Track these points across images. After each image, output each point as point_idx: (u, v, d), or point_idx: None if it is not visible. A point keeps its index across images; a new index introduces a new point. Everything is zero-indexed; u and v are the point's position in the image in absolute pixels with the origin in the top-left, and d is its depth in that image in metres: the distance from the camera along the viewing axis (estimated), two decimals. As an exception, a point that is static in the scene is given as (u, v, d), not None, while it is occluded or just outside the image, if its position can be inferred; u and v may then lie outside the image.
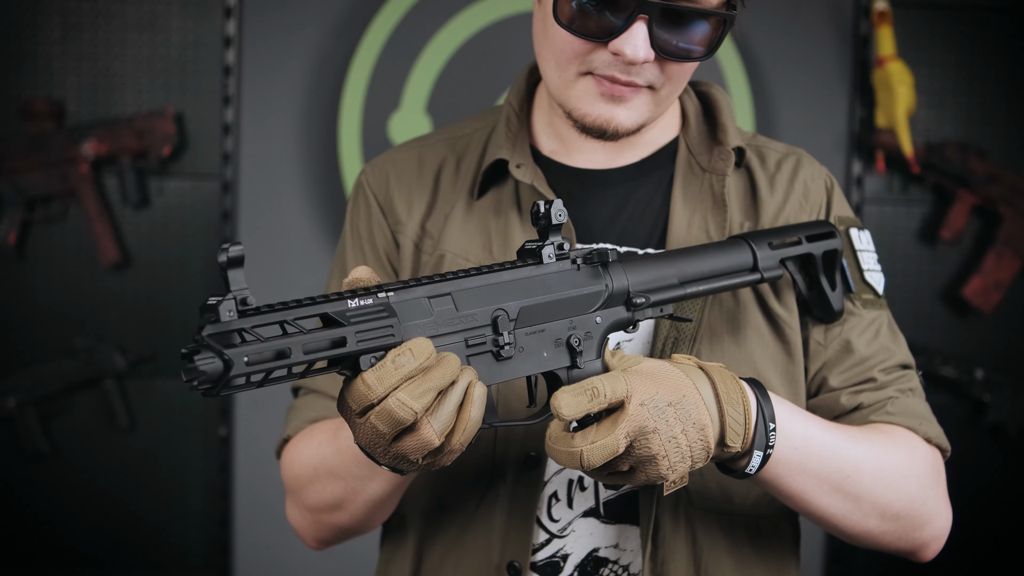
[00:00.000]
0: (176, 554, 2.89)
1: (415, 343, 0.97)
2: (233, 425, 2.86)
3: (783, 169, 1.35)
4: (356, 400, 0.97)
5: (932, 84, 2.89)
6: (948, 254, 2.92)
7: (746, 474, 1.13)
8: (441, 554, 1.30)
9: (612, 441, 1.03)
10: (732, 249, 1.23)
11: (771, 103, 2.86)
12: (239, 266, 0.91)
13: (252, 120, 2.83)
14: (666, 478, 1.06)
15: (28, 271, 2.82)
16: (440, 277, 1.04)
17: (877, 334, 1.31)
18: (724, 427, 1.08)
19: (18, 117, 2.77)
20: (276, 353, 0.92)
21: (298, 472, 1.31)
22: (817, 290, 1.28)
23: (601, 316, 1.13)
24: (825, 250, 1.28)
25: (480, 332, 1.05)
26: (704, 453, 1.07)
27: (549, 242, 1.11)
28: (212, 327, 0.90)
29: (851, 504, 1.20)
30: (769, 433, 1.11)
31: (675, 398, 1.05)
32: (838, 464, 1.18)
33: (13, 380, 2.80)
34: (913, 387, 1.31)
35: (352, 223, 1.39)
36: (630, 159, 1.33)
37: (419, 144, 1.41)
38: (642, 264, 1.17)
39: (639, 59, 1.16)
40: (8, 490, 2.84)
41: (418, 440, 0.98)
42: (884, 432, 1.25)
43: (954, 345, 2.92)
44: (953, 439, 1.32)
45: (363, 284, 1.02)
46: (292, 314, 0.94)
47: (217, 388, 0.90)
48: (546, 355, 1.09)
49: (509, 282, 1.08)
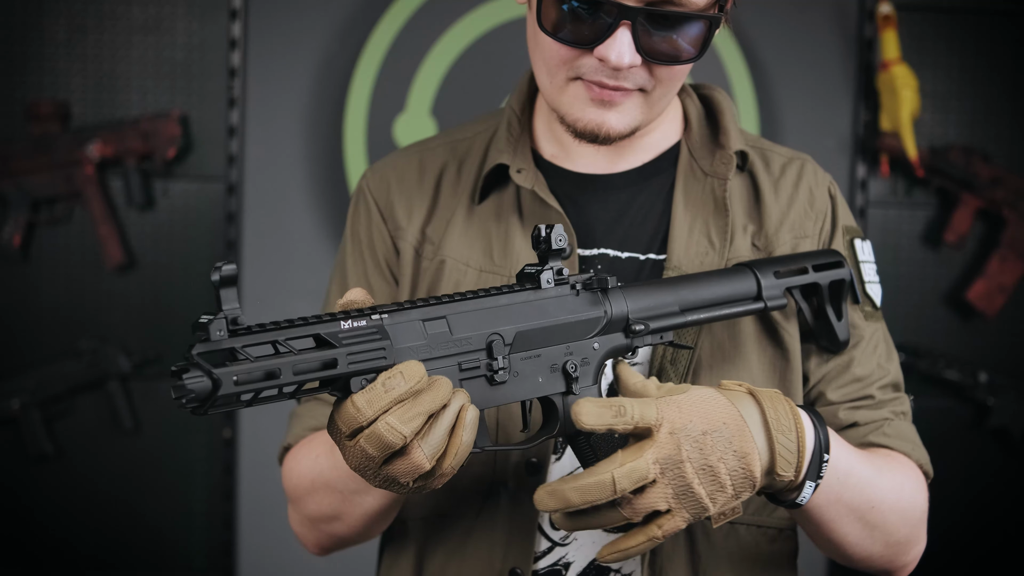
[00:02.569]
0: (180, 556, 2.89)
1: (406, 366, 0.97)
2: (237, 427, 2.86)
3: (787, 174, 1.34)
4: (346, 423, 0.96)
5: (936, 88, 2.88)
6: (952, 257, 2.92)
7: (796, 504, 1.11)
8: (443, 561, 1.29)
9: (643, 464, 1.01)
10: (735, 277, 1.22)
11: (775, 106, 2.86)
12: (232, 285, 0.91)
13: (257, 122, 2.83)
14: (708, 510, 1.03)
15: (33, 273, 2.82)
16: (436, 300, 1.04)
17: (875, 349, 1.32)
18: (774, 455, 1.06)
19: (23, 119, 2.78)
20: (266, 373, 0.92)
21: (297, 483, 1.31)
22: (823, 320, 1.27)
23: (599, 342, 1.12)
24: (832, 280, 1.26)
25: (474, 356, 1.04)
26: (748, 482, 1.05)
27: (548, 267, 1.10)
28: (202, 346, 0.90)
29: (867, 532, 1.20)
30: (823, 464, 1.10)
31: (711, 427, 1.03)
32: (868, 496, 1.18)
33: (17, 381, 2.80)
34: (905, 410, 1.32)
35: (352, 228, 1.39)
36: (632, 164, 1.32)
37: (420, 148, 1.40)
38: (642, 290, 1.16)
39: (623, 65, 1.15)
40: (12, 491, 2.84)
41: (408, 464, 0.97)
42: (896, 461, 1.26)
43: (958, 348, 2.91)
44: (956, 442, 1.34)
45: (358, 306, 1.01)
46: (284, 334, 0.94)
47: (205, 407, 0.90)
48: (541, 380, 1.09)
49: (506, 306, 1.07)
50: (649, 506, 1.03)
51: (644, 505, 1.03)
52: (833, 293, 1.27)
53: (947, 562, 2.88)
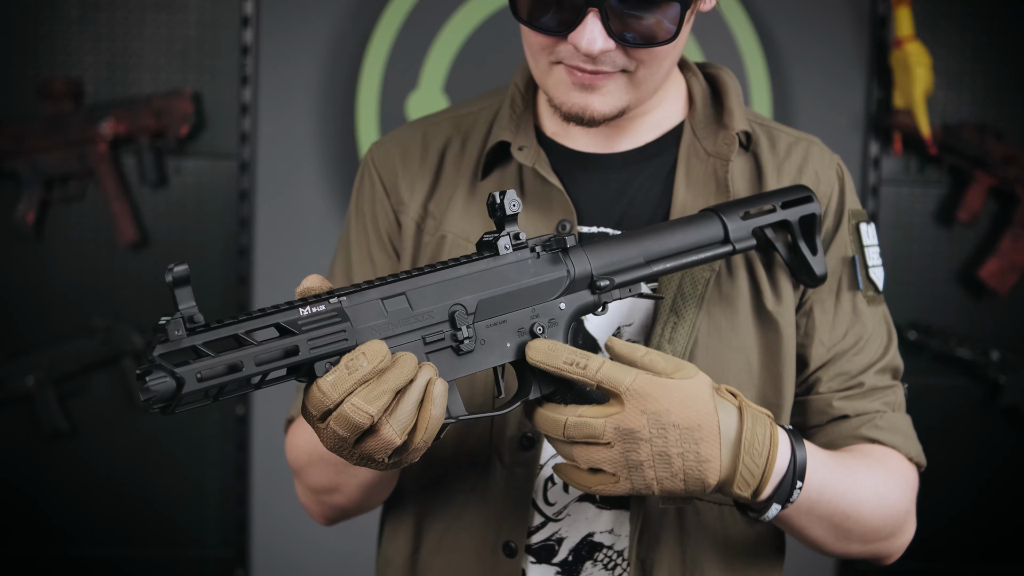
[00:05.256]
0: (193, 532, 2.91)
1: (368, 346, 0.98)
2: (250, 404, 2.88)
3: (793, 155, 1.32)
4: (315, 407, 0.98)
5: (950, 65, 2.86)
6: (964, 236, 2.90)
7: (756, 520, 1.13)
8: (439, 533, 1.31)
9: (597, 424, 1.04)
10: (701, 223, 1.21)
11: (788, 84, 2.85)
12: (186, 284, 0.93)
13: (270, 100, 2.83)
14: (651, 490, 1.06)
15: (46, 251, 2.83)
16: (393, 278, 1.05)
17: (876, 338, 1.31)
18: (735, 473, 1.07)
19: (36, 97, 2.78)
20: (228, 367, 0.93)
21: (297, 455, 1.33)
22: (798, 256, 1.26)
23: (565, 302, 1.13)
24: (802, 215, 1.25)
25: (438, 328, 1.05)
26: (700, 485, 1.06)
27: (505, 232, 1.10)
28: (162, 347, 0.92)
29: (842, 536, 1.22)
30: (795, 489, 1.11)
31: (685, 423, 1.05)
32: (843, 508, 1.19)
33: (32, 359, 2.82)
34: (900, 401, 1.31)
35: (357, 202, 1.39)
36: (634, 143, 1.31)
37: (425, 123, 1.40)
38: (604, 246, 1.16)
39: (594, 52, 1.14)
40: (27, 468, 2.86)
41: (379, 441, 0.99)
42: (882, 460, 1.26)
43: (970, 326, 2.90)
44: (968, 420, 1.33)
45: (315, 292, 1.03)
46: (243, 327, 0.96)
47: (172, 406, 0.92)
48: (509, 345, 1.10)
49: (466, 276, 1.08)
50: (593, 463, 1.06)
51: (588, 459, 1.06)
52: (805, 228, 1.25)
53: (958, 542, 2.89)
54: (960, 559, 2.90)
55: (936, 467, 1.33)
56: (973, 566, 2.92)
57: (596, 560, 1.28)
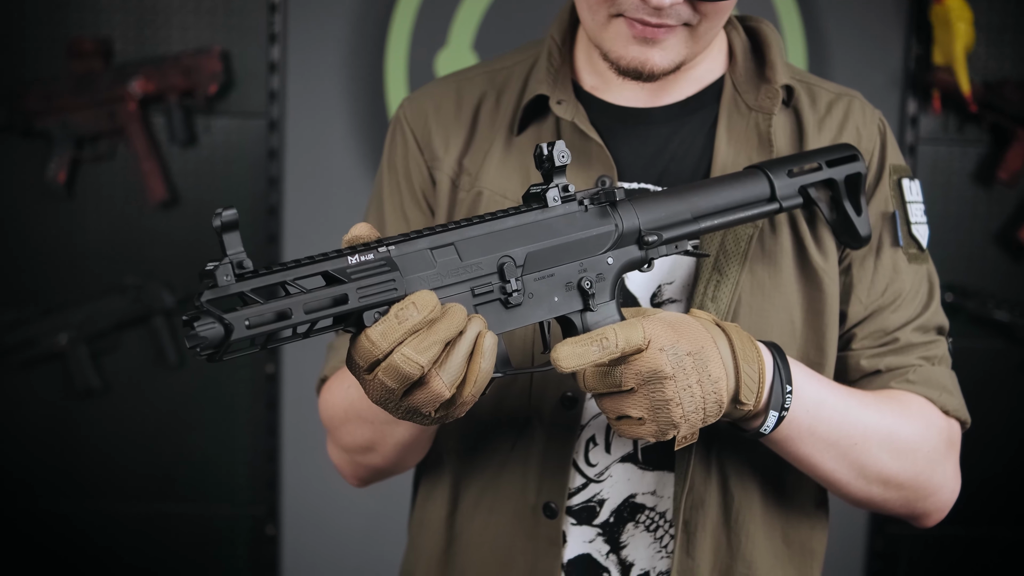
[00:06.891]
0: (224, 489, 2.93)
1: (418, 296, 0.96)
2: (280, 363, 2.88)
3: (834, 111, 1.30)
4: (362, 357, 0.96)
5: (991, 20, 2.80)
6: (1004, 196, 2.85)
7: (760, 433, 1.13)
8: (477, 494, 1.30)
9: (616, 372, 1.04)
10: (747, 180, 1.20)
11: (825, 40, 2.80)
12: (235, 229, 0.91)
13: (298, 58, 2.82)
14: (678, 427, 1.05)
15: (77, 210, 2.84)
16: (442, 228, 1.03)
17: (912, 293, 1.28)
18: (739, 384, 1.07)
19: (66, 56, 2.78)
20: (277, 315, 0.91)
21: (332, 414, 1.32)
22: (842, 216, 1.24)
23: (613, 256, 1.11)
24: (848, 174, 1.23)
25: (486, 280, 1.04)
26: (716, 407, 1.06)
27: (554, 184, 1.09)
28: (210, 292, 0.90)
29: (856, 471, 1.19)
30: (786, 395, 1.11)
31: (694, 348, 1.05)
32: (847, 431, 1.17)
33: (64, 317, 2.83)
34: (940, 355, 1.28)
35: (389, 158, 1.37)
36: (675, 97, 1.29)
37: (458, 78, 1.38)
38: (653, 201, 1.14)
39: (665, 4, 1.12)
40: (61, 425, 2.89)
41: (428, 393, 0.97)
42: (900, 401, 1.23)
43: (1008, 288, 2.86)
44: (1005, 383, 1.30)
45: (364, 240, 1.01)
46: (291, 274, 0.94)
47: (220, 353, 0.90)
48: (557, 299, 1.08)
49: (514, 228, 1.06)
50: (620, 410, 1.06)
51: (615, 408, 1.06)
52: (850, 187, 1.24)
53: (991, 505, 2.86)
54: (994, 523, 2.88)
55: (971, 430, 1.30)
56: (1008, 531, 2.90)
57: (638, 522, 1.27)
